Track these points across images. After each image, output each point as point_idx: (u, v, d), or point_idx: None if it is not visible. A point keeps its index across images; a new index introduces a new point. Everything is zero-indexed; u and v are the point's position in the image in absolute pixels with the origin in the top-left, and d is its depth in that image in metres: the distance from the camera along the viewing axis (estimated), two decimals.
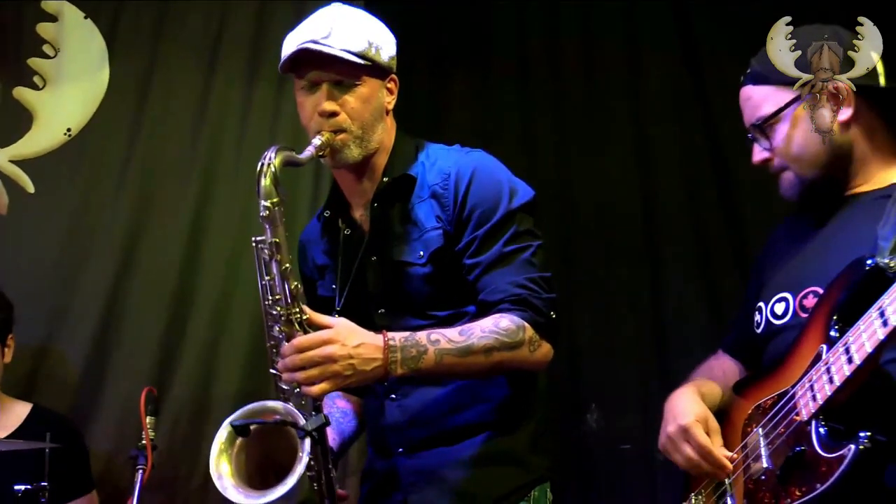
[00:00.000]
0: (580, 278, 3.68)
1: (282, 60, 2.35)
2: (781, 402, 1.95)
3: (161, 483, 3.26)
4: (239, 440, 2.12)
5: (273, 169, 2.12)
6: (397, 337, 2.13)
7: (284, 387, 2.18)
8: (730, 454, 2.09)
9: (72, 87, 3.68)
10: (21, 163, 3.60)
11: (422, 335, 2.15)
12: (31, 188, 3.59)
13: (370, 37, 2.33)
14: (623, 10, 3.92)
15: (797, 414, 1.88)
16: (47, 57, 3.69)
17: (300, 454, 2.04)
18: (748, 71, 2.24)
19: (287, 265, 2.14)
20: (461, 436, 2.33)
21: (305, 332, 2.12)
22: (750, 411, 2.06)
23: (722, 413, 2.18)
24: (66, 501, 3.18)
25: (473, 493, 2.30)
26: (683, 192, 3.77)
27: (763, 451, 1.95)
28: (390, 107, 2.43)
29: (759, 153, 2.22)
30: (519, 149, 2.55)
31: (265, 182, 2.12)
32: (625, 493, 3.53)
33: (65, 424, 3.26)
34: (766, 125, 2.17)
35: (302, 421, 2.08)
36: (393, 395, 2.37)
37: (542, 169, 2.53)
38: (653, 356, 3.63)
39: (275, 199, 2.12)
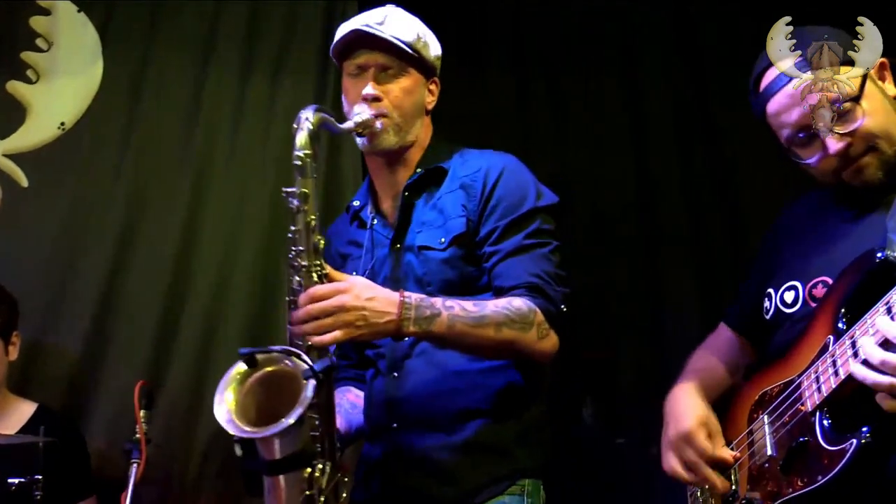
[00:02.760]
0: (576, 272, 3.68)
1: (334, 43, 2.48)
2: (787, 391, 1.97)
3: (155, 477, 3.24)
4: (248, 382, 2.11)
5: (310, 124, 2.20)
6: (413, 296, 2.17)
7: (298, 342, 2.18)
8: (732, 453, 2.11)
9: (65, 80, 3.66)
10: (15, 157, 3.57)
11: (437, 300, 2.20)
12: (24, 182, 3.57)
13: (420, 32, 2.50)
14: (621, 2, 3.95)
15: (802, 404, 1.91)
16: (41, 51, 3.67)
17: (303, 394, 2.02)
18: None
19: (313, 218, 2.18)
20: (453, 421, 2.36)
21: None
22: (756, 397, 2.09)
23: (727, 398, 2.21)
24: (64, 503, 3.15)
25: (453, 479, 2.32)
26: (680, 185, 3.79)
27: (768, 439, 1.98)
28: (430, 107, 2.58)
29: (835, 143, 2.01)
30: (515, 144, 2.59)
31: (301, 135, 2.18)
32: (620, 487, 3.54)
33: (68, 426, 3.24)
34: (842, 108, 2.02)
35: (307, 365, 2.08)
36: (395, 374, 2.42)
37: (538, 164, 2.56)
38: (648, 350, 3.64)
39: (308, 152, 2.18)
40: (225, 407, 2.06)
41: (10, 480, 2.88)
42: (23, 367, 3.37)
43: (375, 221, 2.56)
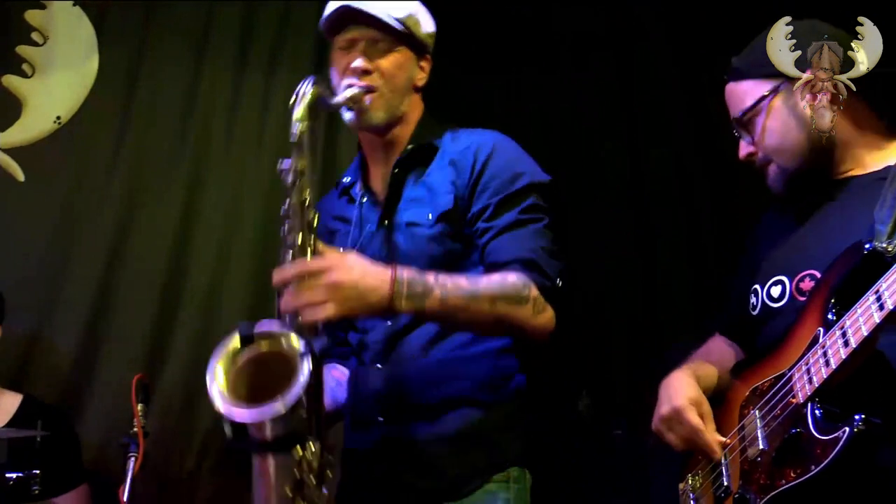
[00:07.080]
0: (570, 264, 3.68)
1: (323, 17, 2.45)
2: (778, 385, 1.97)
3: (153, 470, 3.20)
4: (241, 359, 2.06)
5: (307, 98, 2.15)
6: (405, 272, 2.11)
7: (287, 319, 2.12)
8: (722, 438, 2.12)
9: (61, 74, 3.66)
10: (10, 151, 3.58)
11: (430, 275, 2.14)
12: (20, 176, 3.57)
13: (412, 9, 2.47)
14: None
15: (793, 396, 1.90)
16: (36, 45, 3.67)
17: (299, 375, 1.97)
18: (730, 69, 2.25)
19: (307, 193, 2.13)
20: (438, 410, 2.34)
21: None
22: (747, 394, 2.08)
23: (719, 395, 2.20)
24: (57, 493, 3.15)
25: (440, 472, 2.31)
26: (673, 174, 3.79)
27: (759, 433, 1.97)
28: (420, 83, 2.53)
29: (744, 148, 2.24)
30: (509, 133, 2.58)
31: (299, 108, 2.13)
32: (616, 480, 3.54)
33: (57, 415, 3.24)
34: (746, 119, 2.18)
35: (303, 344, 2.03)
36: (379, 365, 2.40)
37: (533, 152, 2.56)
38: (644, 343, 3.64)
39: (305, 125, 2.14)
40: (217, 387, 2.04)
41: (8, 475, 2.89)
42: (19, 361, 3.39)
43: (365, 199, 2.54)
